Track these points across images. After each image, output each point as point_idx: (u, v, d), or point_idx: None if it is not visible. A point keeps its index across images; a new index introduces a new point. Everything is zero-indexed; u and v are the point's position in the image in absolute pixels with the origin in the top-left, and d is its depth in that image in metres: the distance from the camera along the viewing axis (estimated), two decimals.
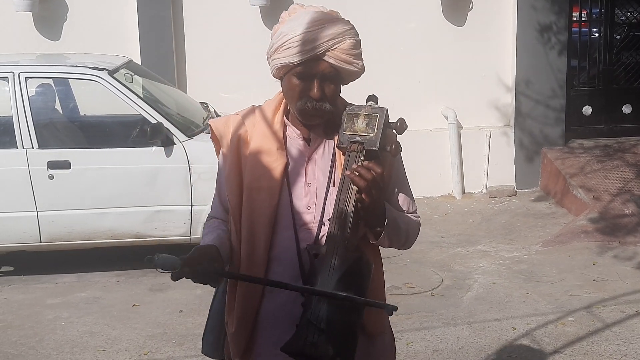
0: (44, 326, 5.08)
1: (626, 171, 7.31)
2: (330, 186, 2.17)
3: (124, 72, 6.10)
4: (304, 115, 2.14)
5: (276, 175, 2.16)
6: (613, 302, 5.13)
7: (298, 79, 2.10)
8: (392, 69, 7.79)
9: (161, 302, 5.41)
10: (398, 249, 2.31)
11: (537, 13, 7.72)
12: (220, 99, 7.39)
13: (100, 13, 7.66)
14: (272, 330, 2.16)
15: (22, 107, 5.71)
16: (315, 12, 2.13)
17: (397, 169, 2.25)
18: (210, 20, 7.71)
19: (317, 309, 1.96)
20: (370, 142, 2.06)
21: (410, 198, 2.31)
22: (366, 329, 2.16)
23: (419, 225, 2.32)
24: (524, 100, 7.88)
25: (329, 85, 2.11)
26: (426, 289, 5.52)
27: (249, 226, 2.16)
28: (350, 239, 2.03)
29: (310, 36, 2.07)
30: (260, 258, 2.16)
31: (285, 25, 2.13)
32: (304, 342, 1.95)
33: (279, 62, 2.11)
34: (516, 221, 7.08)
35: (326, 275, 1.99)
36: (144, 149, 5.72)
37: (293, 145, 2.21)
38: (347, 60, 2.10)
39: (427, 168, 7.75)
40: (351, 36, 2.11)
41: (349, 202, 2.03)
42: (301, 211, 2.17)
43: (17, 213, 5.71)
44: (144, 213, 5.76)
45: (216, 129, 2.27)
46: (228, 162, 2.22)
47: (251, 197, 2.17)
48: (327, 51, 2.07)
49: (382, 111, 2.08)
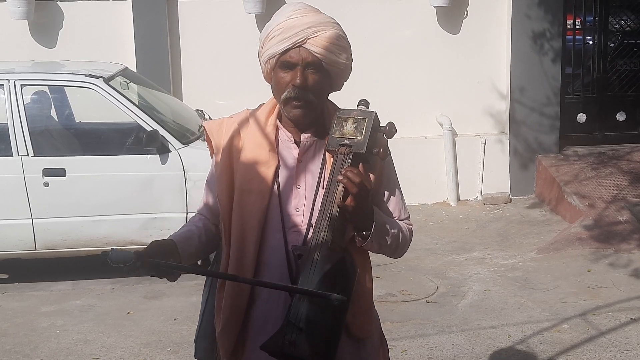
0: (39, 334, 5.07)
1: (620, 178, 7.33)
2: (319, 189, 2.18)
3: (119, 80, 6.10)
4: (287, 105, 2.15)
5: (267, 178, 2.18)
6: (608, 310, 5.14)
7: (282, 71, 2.14)
8: (387, 76, 7.81)
9: (156, 310, 5.41)
10: (390, 256, 2.31)
11: (531, 21, 7.76)
12: (215, 106, 7.40)
13: (96, 21, 7.67)
14: (261, 333, 2.17)
15: (18, 115, 5.71)
16: (300, 3, 2.19)
17: (388, 175, 2.27)
18: (205, 28, 7.72)
19: (296, 309, 1.97)
20: (357, 145, 2.08)
21: (402, 205, 2.31)
22: (352, 332, 2.16)
23: (411, 233, 2.32)
24: (518, 108, 7.90)
25: (313, 75, 2.13)
26: (421, 296, 5.52)
27: (239, 228, 2.18)
28: (334, 240, 2.04)
29: (291, 23, 2.11)
30: (249, 259, 2.17)
31: (270, 20, 2.20)
32: (282, 341, 1.96)
33: (266, 56, 2.16)
34: (511, 228, 7.09)
35: (307, 275, 1.99)
36: (140, 156, 5.72)
37: (284, 148, 2.23)
38: (330, 49, 2.12)
39: (422, 175, 7.76)
40: (334, 29, 2.15)
41: (334, 204, 2.04)
42: (290, 213, 2.19)
43: (12, 220, 5.70)
44: (140, 220, 5.76)
45: (210, 130, 2.30)
46: (220, 163, 2.25)
47: (242, 199, 2.19)
48: (308, 38, 2.10)
49: (371, 115, 2.10)
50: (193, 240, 2.26)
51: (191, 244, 2.25)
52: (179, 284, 5.19)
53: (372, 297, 2.31)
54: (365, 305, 2.24)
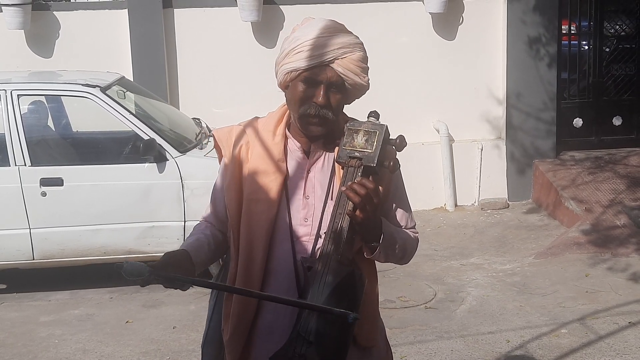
0: (37, 344, 5.06)
1: (617, 182, 7.35)
2: (328, 200, 2.18)
3: (116, 89, 6.11)
4: (305, 121, 2.14)
5: (275, 188, 2.18)
6: (606, 314, 5.14)
7: (304, 85, 2.12)
8: (384, 83, 7.80)
9: (154, 319, 5.40)
10: (395, 263, 2.33)
11: (527, 27, 7.78)
12: (212, 115, 7.40)
13: (93, 30, 7.68)
14: (268, 341, 2.17)
15: (15, 125, 5.71)
16: (329, 21, 2.18)
17: (396, 185, 2.27)
18: (202, 36, 7.73)
19: (306, 322, 1.98)
20: (368, 158, 2.07)
21: (409, 214, 2.32)
22: (358, 342, 2.17)
23: (417, 241, 2.34)
24: (515, 113, 7.92)
25: (335, 94, 2.13)
26: (420, 302, 5.53)
27: (247, 237, 2.18)
28: (344, 253, 2.04)
29: (321, 42, 2.10)
30: (257, 269, 2.17)
31: (298, 31, 2.17)
32: (292, 354, 1.97)
33: (288, 67, 2.13)
34: (509, 233, 7.10)
35: (317, 289, 2.00)
36: (137, 165, 5.73)
37: (293, 157, 2.23)
38: (355, 72, 2.12)
39: (419, 181, 7.76)
40: (361, 50, 2.15)
41: (344, 216, 2.04)
42: (298, 224, 2.19)
43: (10, 230, 5.70)
44: (137, 229, 5.75)
45: (219, 138, 2.30)
46: (229, 172, 2.24)
47: (250, 208, 2.19)
48: (336, 59, 2.10)
49: (382, 128, 2.10)
50: (203, 248, 2.27)
51: (202, 252, 2.25)
52: (177, 293, 5.19)
53: (378, 306, 2.32)
54: (372, 315, 2.25)
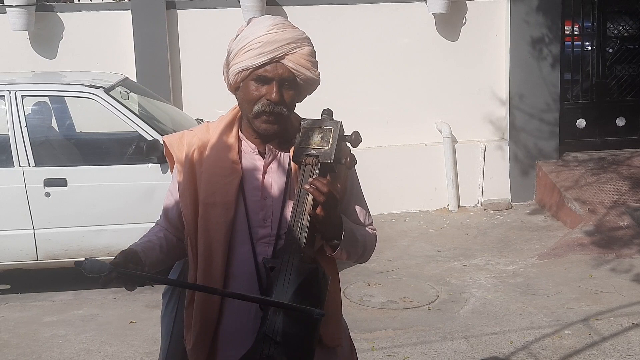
0: (41, 344, 5.07)
1: (621, 183, 7.34)
2: (286, 200, 2.18)
3: (119, 90, 6.12)
4: (259, 119, 2.13)
5: (231, 190, 2.17)
6: (610, 315, 5.14)
7: (256, 83, 2.12)
8: (387, 84, 7.82)
9: (158, 319, 5.35)
10: (355, 262, 2.32)
11: (530, 27, 7.78)
12: (215, 116, 7.29)
13: (96, 31, 7.69)
14: (231, 346, 2.16)
15: (19, 125, 5.72)
16: (275, 17, 2.17)
17: (352, 182, 2.28)
18: (205, 37, 7.74)
19: (272, 322, 1.97)
20: (325, 155, 2.08)
21: (366, 211, 2.33)
22: (323, 341, 2.16)
23: (375, 238, 2.34)
24: (518, 114, 7.92)
25: (287, 90, 2.13)
26: (423, 303, 5.53)
27: (205, 242, 2.17)
28: (305, 251, 2.04)
29: (270, 38, 2.10)
30: (217, 274, 2.16)
31: (245, 31, 2.16)
32: (259, 356, 1.96)
33: (238, 67, 2.12)
34: (512, 234, 7.10)
35: (281, 288, 1.99)
36: (140, 166, 5.74)
37: (248, 159, 2.22)
38: (306, 66, 2.13)
39: (422, 182, 7.78)
40: (309, 45, 2.16)
41: (304, 215, 2.04)
42: (258, 225, 2.18)
43: (14, 231, 5.71)
44: (141, 230, 5.62)
45: (170, 145, 2.30)
46: (183, 178, 2.23)
47: (206, 213, 2.18)
48: (286, 54, 2.10)
49: (337, 124, 2.11)
50: (155, 249, 2.26)
51: (152, 254, 2.24)
52: None
53: (341, 306, 2.32)
54: (336, 314, 2.24)
